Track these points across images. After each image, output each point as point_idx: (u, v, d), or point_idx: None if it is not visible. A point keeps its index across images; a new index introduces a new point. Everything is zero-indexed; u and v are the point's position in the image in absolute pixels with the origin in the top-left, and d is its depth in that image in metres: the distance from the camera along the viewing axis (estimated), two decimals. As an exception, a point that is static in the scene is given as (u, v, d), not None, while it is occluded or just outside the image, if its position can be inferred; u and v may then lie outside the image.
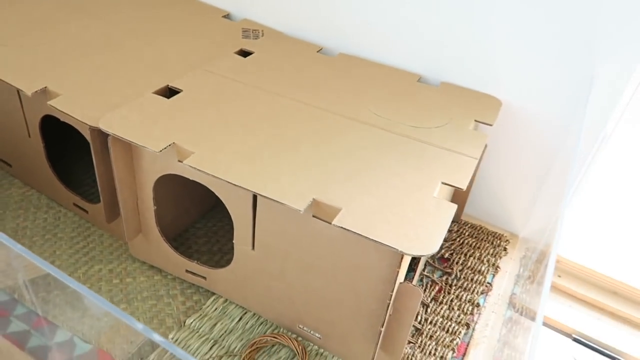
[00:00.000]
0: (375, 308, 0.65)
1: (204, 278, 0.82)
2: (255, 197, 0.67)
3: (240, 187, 0.62)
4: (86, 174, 1.04)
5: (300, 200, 0.60)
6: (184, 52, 0.94)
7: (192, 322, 0.79)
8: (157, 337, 0.35)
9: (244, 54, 0.96)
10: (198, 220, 1.00)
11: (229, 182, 0.63)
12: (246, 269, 0.76)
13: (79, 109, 0.75)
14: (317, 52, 0.99)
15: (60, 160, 0.96)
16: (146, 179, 0.76)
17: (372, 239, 0.55)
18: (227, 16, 1.11)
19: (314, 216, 0.63)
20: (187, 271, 0.83)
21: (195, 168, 0.64)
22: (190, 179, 0.71)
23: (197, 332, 0.78)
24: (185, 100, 0.78)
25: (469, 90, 0.90)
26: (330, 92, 0.85)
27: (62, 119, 0.79)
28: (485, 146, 0.87)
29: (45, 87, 0.79)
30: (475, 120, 0.82)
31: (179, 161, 0.67)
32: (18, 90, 0.81)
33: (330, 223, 0.58)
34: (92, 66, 0.87)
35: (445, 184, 0.66)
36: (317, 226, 0.63)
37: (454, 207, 0.62)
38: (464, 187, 0.65)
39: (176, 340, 0.76)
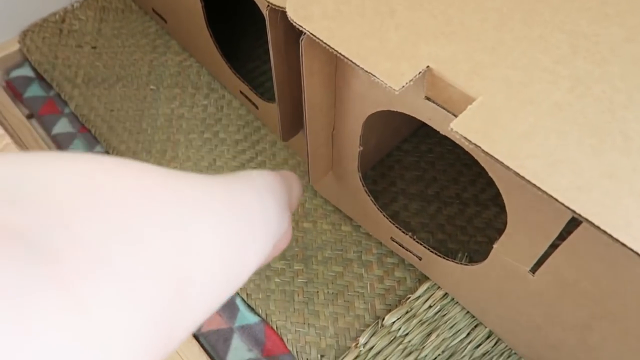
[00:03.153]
0: None
1: (419, 258, 0.53)
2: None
3: (565, 206, 0.27)
4: (256, 57, 0.75)
5: None
6: None
7: (393, 323, 0.53)
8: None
9: None
10: (407, 138, 0.67)
11: (545, 192, 0.28)
12: (502, 285, 0.44)
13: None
14: None
15: (227, 32, 0.67)
16: (353, 109, 0.43)
17: None
18: None
19: None
20: (392, 239, 0.55)
21: (475, 145, 0.30)
22: (442, 132, 0.37)
23: (401, 341, 0.52)
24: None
25: None
26: None
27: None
28: None
29: None
30: None
31: (452, 114, 0.33)
32: None
33: None
34: None
35: None
36: None
37: None
38: None
39: (370, 348, 0.51)
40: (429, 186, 0.63)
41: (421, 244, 0.50)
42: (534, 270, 0.40)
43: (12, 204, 0.14)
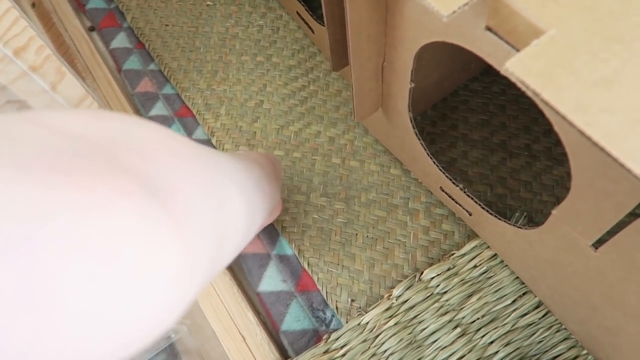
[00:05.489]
0: None
1: (469, 213, 0.48)
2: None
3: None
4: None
5: None
6: None
7: (432, 278, 0.49)
8: None
9: None
10: (477, 77, 0.59)
11: (616, 159, 0.22)
12: (558, 256, 0.38)
13: None
14: None
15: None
16: (405, 38, 0.37)
17: None
18: None
19: None
20: (441, 189, 0.50)
21: (533, 91, 0.24)
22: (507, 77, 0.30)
23: (438, 299, 0.48)
24: None
25: None
26: None
27: None
28: None
29: None
30: None
31: (516, 50, 0.26)
32: None
33: None
34: None
35: None
36: None
37: None
38: None
39: (404, 302, 0.48)
40: (495, 133, 0.56)
41: (472, 198, 0.45)
42: (596, 245, 0.33)
43: (134, 153, 0.18)
